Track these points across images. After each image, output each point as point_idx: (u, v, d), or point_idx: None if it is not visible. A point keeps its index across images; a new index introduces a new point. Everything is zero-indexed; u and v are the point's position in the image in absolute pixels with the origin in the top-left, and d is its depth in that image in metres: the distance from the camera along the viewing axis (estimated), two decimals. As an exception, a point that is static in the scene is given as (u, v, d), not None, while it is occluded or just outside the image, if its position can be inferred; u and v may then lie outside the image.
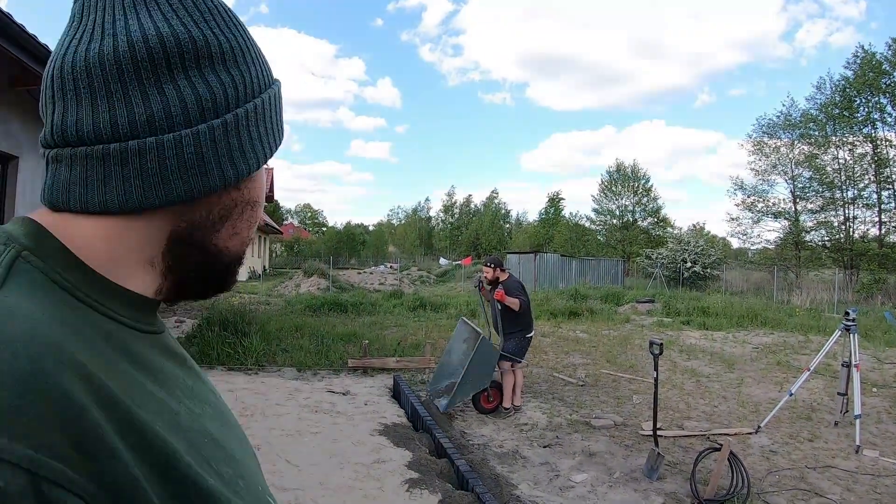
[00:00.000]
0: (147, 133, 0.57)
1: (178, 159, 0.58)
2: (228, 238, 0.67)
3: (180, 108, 0.58)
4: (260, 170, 0.68)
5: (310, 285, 26.06)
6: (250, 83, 0.65)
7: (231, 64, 0.63)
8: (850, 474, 5.81)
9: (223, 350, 9.91)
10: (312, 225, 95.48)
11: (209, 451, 0.58)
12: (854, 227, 31.79)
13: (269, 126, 0.68)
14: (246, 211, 0.68)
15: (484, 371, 7.39)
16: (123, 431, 0.48)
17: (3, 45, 4.88)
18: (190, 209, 0.62)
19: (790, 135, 33.69)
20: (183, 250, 0.63)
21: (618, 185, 50.71)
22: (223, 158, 0.61)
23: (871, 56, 29.72)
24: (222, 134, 0.61)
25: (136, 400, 0.52)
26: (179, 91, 0.58)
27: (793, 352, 12.45)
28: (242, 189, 0.66)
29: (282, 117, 0.72)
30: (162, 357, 0.63)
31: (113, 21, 0.57)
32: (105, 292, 0.58)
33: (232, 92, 0.62)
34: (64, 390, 0.45)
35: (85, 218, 0.59)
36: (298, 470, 5.21)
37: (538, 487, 5.36)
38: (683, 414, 7.81)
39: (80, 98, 0.57)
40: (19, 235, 0.56)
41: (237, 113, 0.63)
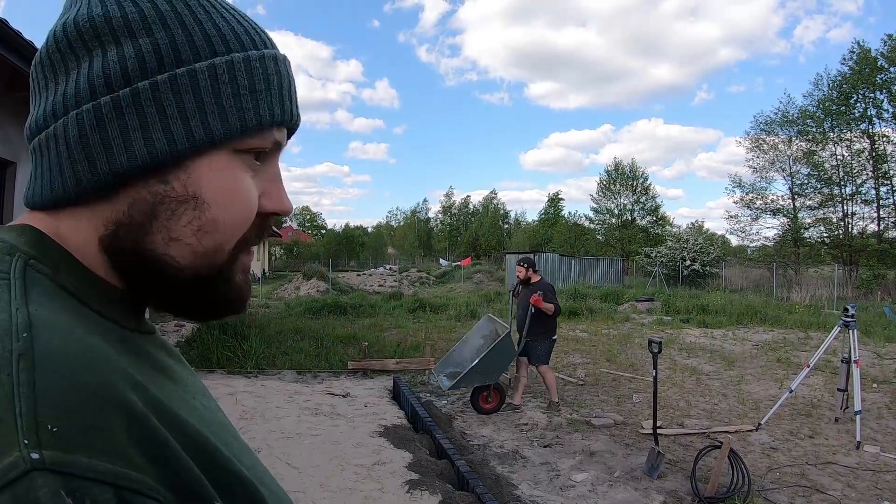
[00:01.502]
0: (51, 120, 0.56)
1: (66, 146, 0.55)
2: (165, 244, 0.57)
3: (73, 91, 0.55)
4: (210, 160, 0.58)
5: (309, 288, 26.05)
6: (170, 51, 0.56)
7: (141, 33, 0.56)
8: (851, 470, 5.81)
9: (223, 353, 9.91)
10: (311, 227, 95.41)
11: (231, 442, 0.58)
12: (853, 223, 31.91)
13: (210, 102, 0.57)
14: (182, 210, 0.57)
15: (498, 365, 7.49)
16: (175, 434, 0.48)
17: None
18: (108, 205, 0.56)
19: (788, 131, 33.77)
20: (117, 255, 0.57)
21: (616, 184, 50.79)
22: (115, 141, 0.55)
23: (867, 52, 29.77)
24: (113, 112, 0.54)
25: (169, 400, 0.51)
26: (79, 73, 0.56)
27: (793, 348, 12.46)
28: (171, 182, 0.56)
29: (261, 93, 0.60)
30: (164, 355, 0.63)
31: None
32: (103, 295, 0.56)
33: (133, 64, 0.55)
34: (126, 401, 0.45)
35: (56, 216, 0.58)
36: (299, 472, 5.21)
37: (539, 487, 5.36)
38: (684, 412, 7.81)
39: (32, 98, 0.60)
40: (20, 244, 0.54)
41: (137, 87, 0.55)
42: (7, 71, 5.36)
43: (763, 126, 34.91)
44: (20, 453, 0.39)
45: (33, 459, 0.38)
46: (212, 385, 8.34)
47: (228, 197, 0.58)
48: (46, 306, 0.49)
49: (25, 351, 0.43)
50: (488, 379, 7.49)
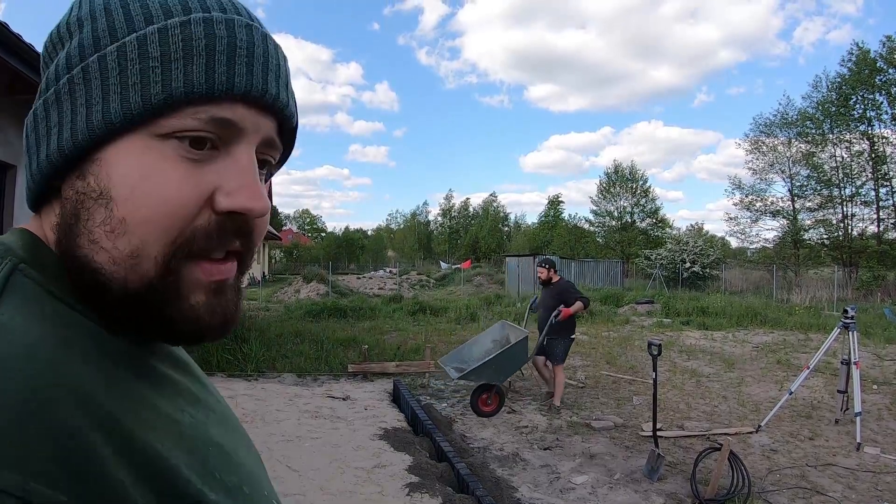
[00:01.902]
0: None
1: (26, 147, 0.57)
2: (91, 249, 0.52)
3: (37, 96, 0.57)
4: (119, 148, 0.52)
5: (309, 291, 26.07)
6: (91, 39, 0.53)
7: (80, 29, 0.54)
8: (851, 472, 5.81)
9: (223, 356, 9.90)
10: (311, 230, 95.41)
11: (213, 460, 0.56)
12: (852, 224, 31.90)
13: (114, 81, 0.51)
14: (94, 209, 0.52)
15: (509, 367, 7.64)
16: (122, 452, 0.46)
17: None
18: (50, 208, 0.56)
19: (787, 133, 33.79)
20: (67, 262, 0.54)
21: (616, 187, 50.79)
22: (41, 140, 0.54)
23: (866, 53, 29.80)
24: (42, 112, 0.54)
25: (136, 416, 0.50)
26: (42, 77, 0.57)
27: (793, 350, 12.45)
28: (87, 176, 0.52)
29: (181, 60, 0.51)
30: (163, 364, 0.60)
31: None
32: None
33: (62, 61, 0.54)
34: (59, 414, 0.43)
35: (39, 219, 0.59)
36: (299, 475, 5.21)
37: (539, 490, 5.36)
38: (684, 414, 7.80)
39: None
40: (16, 248, 0.54)
41: (59, 83, 0.54)
42: (7, 74, 5.37)
43: (762, 128, 34.96)
44: None
45: None
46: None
47: (139, 189, 0.51)
48: (15, 311, 0.48)
49: None
50: (496, 378, 7.54)
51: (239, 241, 0.55)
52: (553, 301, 7.96)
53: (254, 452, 0.69)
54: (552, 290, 8.16)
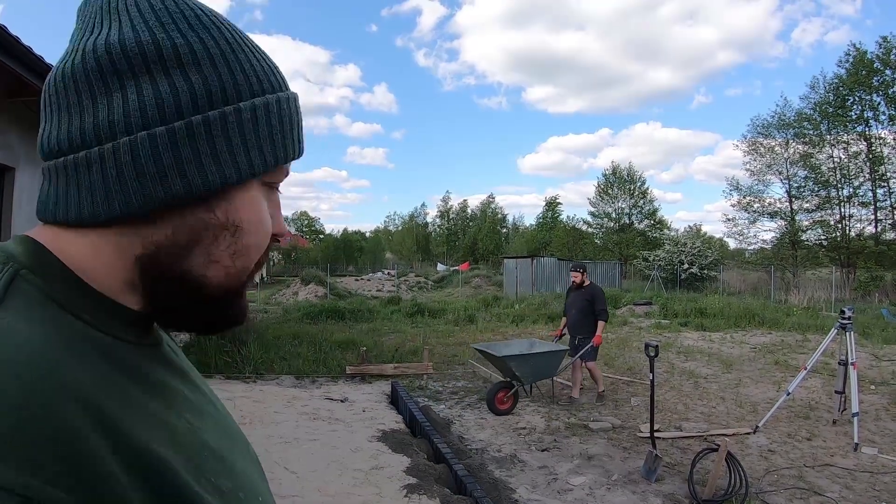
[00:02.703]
0: (94, 143, 0.57)
1: (116, 170, 0.56)
2: (204, 266, 0.61)
3: (122, 116, 0.56)
4: (249, 192, 0.63)
5: (307, 293, 26.08)
6: (219, 89, 0.60)
7: (191, 68, 0.59)
8: (849, 472, 5.82)
9: (221, 358, 9.91)
10: (309, 232, 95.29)
11: (208, 465, 0.58)
12: (850, 225, 31.89)
13: (252, 139, 0.61)
14: (223, 237, 0.61)
15: (543, 369, 7.94)
16: (121, 453, 0.48)
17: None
18: (152, 228, 0.59)
19: (784, 134, 33.81)
20: (153, 274, 0.59)
21: (614, 188, 50.77)
22: (170, 171, 0.57)
23: (863, 54, 29.84)
24: (168, 143, 0.57)
25: (133, 418, 0.51)
26: (125, 99, 0.57)
27: (791, 351, 12.47)
28: (215, 209, 0.60)
29: (286, 132, 0.65)
30: (160, 370, 0.62)
31: (81, 38, 0.59)
32: (100, 308, 0.57)
33: (186, 98, 0.58)
34: (60, 415, 0.45)
35: (69, 231, 0.59)
36: (297, 477, 5.21)
37: (536, 491, 5.36)
38: (681, 415, 7.81)
39: (52, 113, 0.59)
40: (18, 254, 0.56)
41: (192, 121, 0.58)
42: (6, 77, 5.37)
43: (760, 129, 34.98)
44: None
45: None
46: (210, 390, 8.33)
47: (257, 225, 0.64)
48: (16, 315, 0.50)
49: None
50: (528, 376, 7.80)
51: (266, 256, 0.70)
52: (585, 304, 8.52)
53: (252, 457, 0.71)
54: (584, 293, 8.64)
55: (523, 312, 19.31)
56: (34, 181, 6.89)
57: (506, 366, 7.77)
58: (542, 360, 7.92)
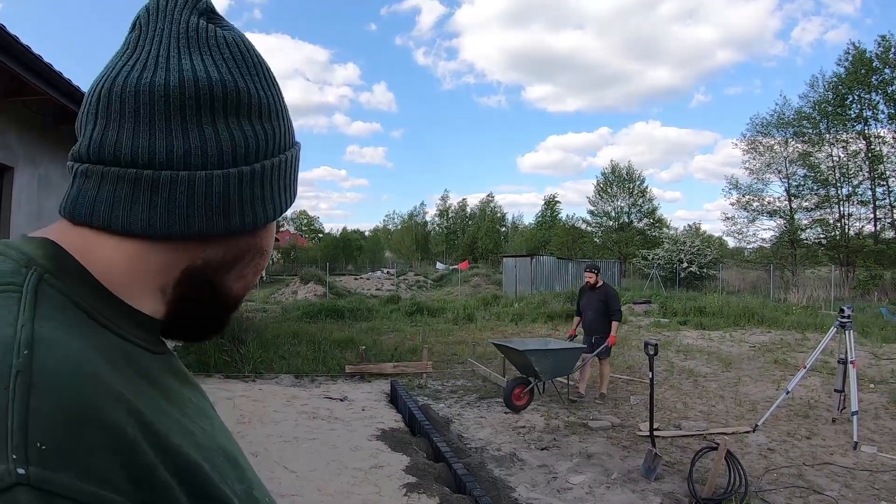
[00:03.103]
0: (181, 167, 0.59)
1: (205, 197, 0.61)
2: (236, 280, 0.69)
3: (216, 150, 0.61)
4: (273, 221, 0.70)
5: (307, 292, 26.08)
6: (279, 139, 0.68)
7: (266, 118, 0.66)
8: (848, 471, 5.82)
9: (220, 358, 9.90)
10: (309, 231, 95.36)
11: (225, 468, 0.59)
12: (849, 224, 31.93)
13: (287, 183, 0.71)
14: (256, 258, 0.70)
15: (561, 366, 8.01)
16: (165, 459, 0.49)
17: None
18: (208, 247, 0.64)
19: (784, 133, 33.82)
20: (194, 285, 0.64)
21: (613, 187, 50.81)
22: (246, 204, 0.64)
23: (862, 53, 29.85)
24: (249, 181, 0.64)
25: (165, 424, 0.53)
26: (217, 133, 0.61)
27: (790, 350, 12.48)
28: (257, 236, 0.69)
29: (297, 178, 0.75)
30: (170, 377, 0.64)
31: (167, 57, 0.60)
32: (120, 314, 0.59)
33: (263, 144, 0.65)
34: (115, 424, 0.46)
35: (107, 237, 0.60)
36: (296, 476, 5.21)
37: (536, 490, 5.37)
38: (681, 414, 7.82)
39: (124, 121, 0.59)
40: (38, 257, 0.56)
41: (265, 164, 0.66)
42: (5, 76, 5.36)
43: (759, 128, 34.99)
44: (7, 466, 0.40)
45: (19, 474, 0.40)
46: (210, 390, 8.32)
47: (271, 247, 0.74)
48: (53, 322, 0.50)
49: (24, 368, 0.45)
50: (548, 371, 7.85)
51: None
52: (601, 305, 8.67)
53: (245, 456, 0.73)
54: (599, 293, 8.79)
55: (522, 311, 19.31)
56: (33, 181, 6.89)
57: (526, 360, 7.82)
58: (562, 356, 8.01)
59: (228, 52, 0.64)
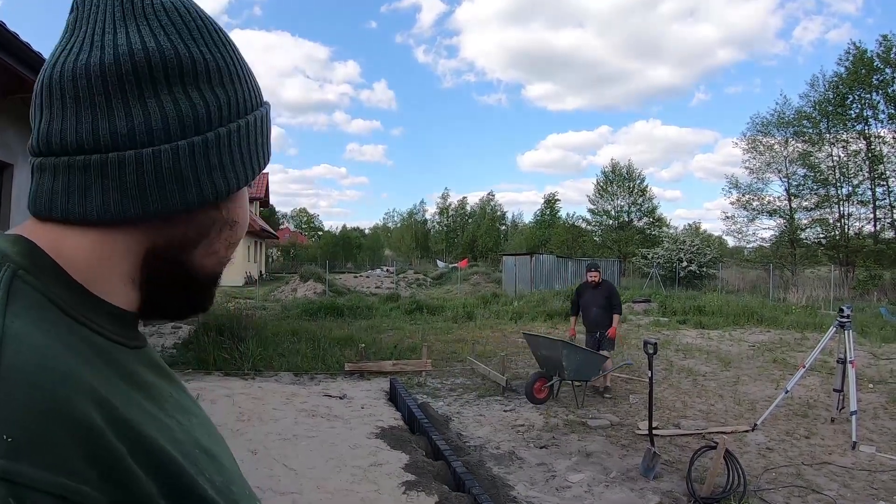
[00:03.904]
0: (128, 146, 0.57)
1: (156, 174, 0.58)
2: (205, 256, 0.67)
3: (161, 123, 0.58)
4: (241, 190, 0.68)
5: (306, 290, 26.05)
6: (235, 103, 0.65)
7: (216, 83, 0.63)
8: (847, 470, 5.83)
9: (220, 355, 9.90)
10: (308, 229, 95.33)
11: (202, 462, 0.59)
12: (849, 223, 31.92)
13: (253, 148, 0.68)
14: (224, 230, 0.67)
15: (586, 369, 8.14)
16: (135, 451, 0.49)
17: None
18: (168, 225, 0.61)
19: (784, 133, 33.79)
20: (160, 266, 0.63)
21: (613, 186, 50.78)
22: (202, 176, 0.61)
23: (863, 53, 29.82)
24: (202, 151, 0.61)
25: (137, 418, 0.52)
26: (162, 106, 0.58)
27: (789, 349, 12.48)
28: (222, 208, 0.66)
29: (268, 140, 0.72)
30: (148, 371, 0.63)
31: (103, 34, 0.58)
32: (93, 308, 0.58)
33: (215, 110, 0.62)
34: (82, 416, 0.46)
35: (70, 229, 0.58)
36: (295, 474, 5.22)
37: (535, 488, 5.37)
38: (680, 413, 7.82)
39: (66, 108, 0.57)
40: (12, 253, 0.55)
41: (219, 132, 0.63)
42: (5, 74, 5.36)
43: (759, 127, 34.95)
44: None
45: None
46: (209, 387, 8.34)
47: (245, 219, 0.71)
48: (24, 318, 0.50)
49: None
50: (573, 370, 7.97)
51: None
52: (605, 301, 9.06)
53: (231, 454, 0.72)
54: (602, 290, 9.18)
55: (522, 310, 19.30)
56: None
57: (557, 353, 7.93)
58: (590, 358, 8.19)
59: (167, 18, 0.60)
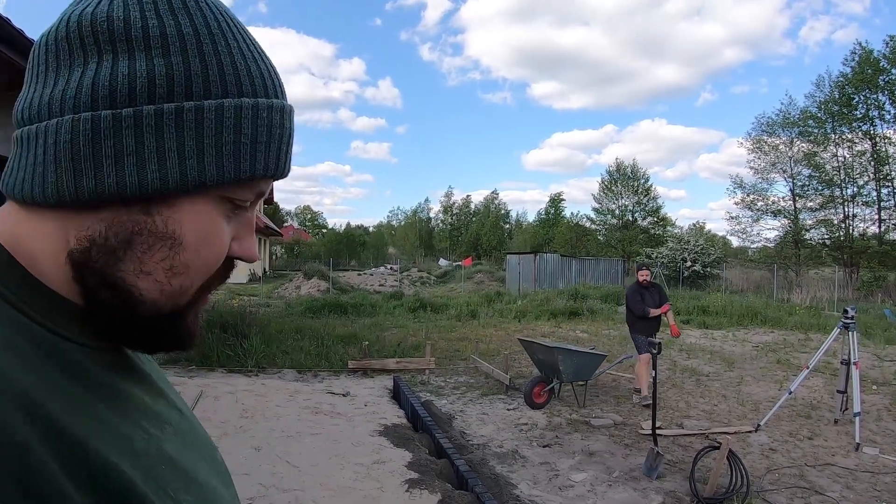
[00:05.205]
0: (45, 117, 0.52)
1: (53, 149, 0.51)
2: (135, 275, 0.54)
3: (73, 92, 0.51)
4: (195, 203, 0.55)
5: (310, 287, 26.07)
6: (182, 80, 0.53)
7: (157, 51, 0.52)
8: (850, 472, 5.82)
9: (223, 352, 9.92)
10: (312, 227, 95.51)
11: (167, 478, 0.54)
12: (853, 224, 31.81)
13: (210, 144, 0.54)
14: (157, 246, 0.54)
15: (584, 370, 8.03)
16: (72, 466, 0.44)
17: (1, 49, 4.90)
18: (85, 221, 0.53)
19: (789, 133, 33.70)
20: (87, 275, 0.53)
21: (618, 185, 50.71)
22: (107, 160, 0.51)
23: (869, 53, 29.72)
24: (110, 130, 0.50)
25: (86, 428, 0.47)
26: (83, 73, 0.52)
27: (793, 350, 12.47)
28: (153, 214, 0.53)
29: (260, 145, 0.57)
30: (117, 375, 0.57)
31: (72, 8, 0.55)
32: (50, 305, 0.52)
33: (143, 83, 0.52)
34: (5, 428, 0.41)
35: (24, 211, 0.54)
36: (298, 471, 5.22)
37: (538, 487, 5.37)
38: (683, 413, 7.82)
39: (26, 81, 0.56)
40: None
41: (144, 109, 0.51)
42: (10, 70, 5.37)
43: (764, 127, 34.86)
44: None
45: None
46: (212, 384, 8.36)
47: (203, 242, 0.56)
48: None
49: None
50: (570, 373, 7.87)
51: (222, 279, 0.63)
52: (662, 301, 8.94)
53: (218, 465, 0.67)
54: (656, 290, 9.09)
55: (526, 309, 19.29)
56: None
57: (553, 358, 7.85)
58: (586, 360, 8.06)
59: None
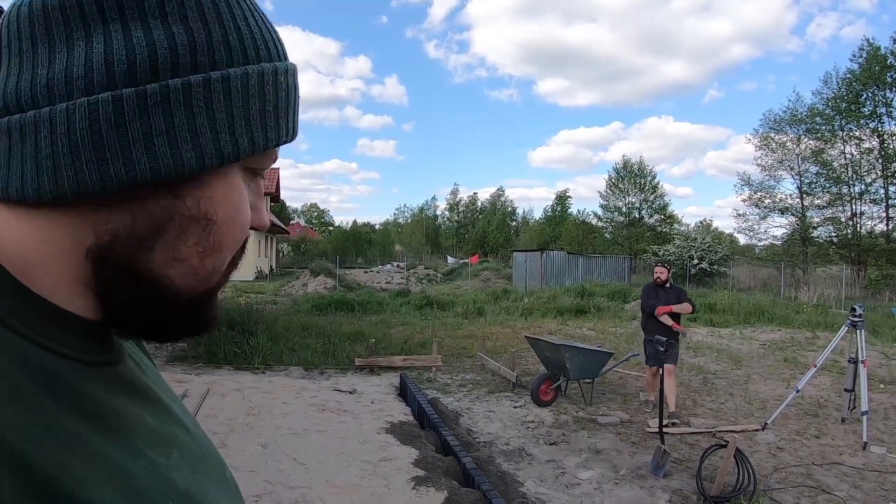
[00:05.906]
0: (46, 101, 0.45)
1: (69, 136, 0.44)
2: (167, 264, 0.50)
3: (83, 70, 0.45)
4: (228, 175, 0.52)
5: (317, 285, 26.10)
6: (206, 48, 0.49)
7: (175, 18, 0.47)
8: (857, 471, 5.81)
9: (230, 349, 9.96)
10: (319, 224, 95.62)
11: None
12: (861, 222, 31.66)
13: (240, 114, 0.50)
14: (191, 230, 0.50)
15: (588, 368, 8.00)
16: (42, 499, 0.38)
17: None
18: (107, 213, 0.47)
19: (797, 130, 33.54)
20: (110, 270, 0.48)
21: (625, 182, 50.65)
22: (135, 144, 0.45)
23: (877, 50, 29.56)
24: (135, 110, 0.45)
25: (66, 466, 0.41)
26: (89, 49, 0.45)
27: (800, 348, 12.43)
28: (184, 197, 0.49)
29: (281, 109, 0.54)
30: (116, 394, 0.51)
31: None
32: (41, 316, 0.46)
33: (165, 54, 0.46)
34: None
35: (13, 211, 0.47)
36: (305, 468, 5.24)
37: (544, 485, 5.38)
38: (690, 411, 7.81)
39: (2, 61, 0.48)
40: None
41: (170, 84, 0.46)
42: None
43: (772, 124, 34.71)
44: None
45: None
46: (219, 381, 8.39)
47: (234, 217, 0.53)
48: None
49: None
50: (575, 370, 7.85)
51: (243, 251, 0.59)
52: (677, 302, 7.95)
53: (227, 482, 0.63)
54: (672, 292, 8.07)
55: (532, 306, 19.28)
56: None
57: (560, 355, 7.83)
58: (592, 357, 8.05)
59: None
